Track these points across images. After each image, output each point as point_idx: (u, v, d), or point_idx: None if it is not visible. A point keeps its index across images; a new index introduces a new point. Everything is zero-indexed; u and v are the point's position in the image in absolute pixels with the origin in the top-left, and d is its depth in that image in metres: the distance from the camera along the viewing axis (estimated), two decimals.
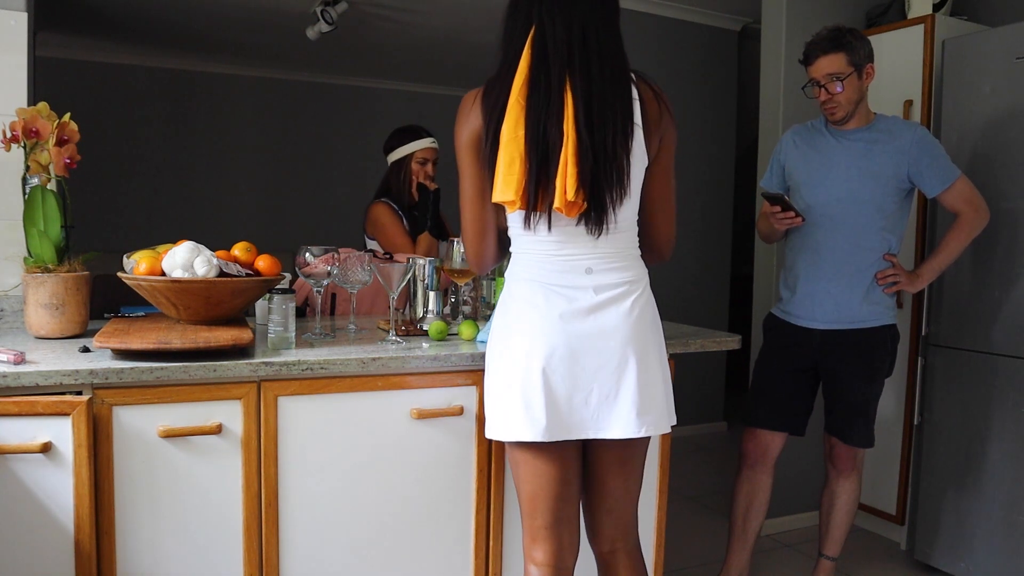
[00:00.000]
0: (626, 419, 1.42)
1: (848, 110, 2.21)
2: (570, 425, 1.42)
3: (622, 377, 1.42)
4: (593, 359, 1.41)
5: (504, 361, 1.46)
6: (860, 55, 2.17)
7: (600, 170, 1.36)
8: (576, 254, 1.43)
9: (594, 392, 1.42)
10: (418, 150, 2.63)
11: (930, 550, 2.66)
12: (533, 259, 1.45)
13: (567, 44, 1.37)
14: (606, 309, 1.42)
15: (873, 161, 2.20)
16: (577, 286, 1.42)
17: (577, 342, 1.41)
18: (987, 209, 2.23)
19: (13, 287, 1.88)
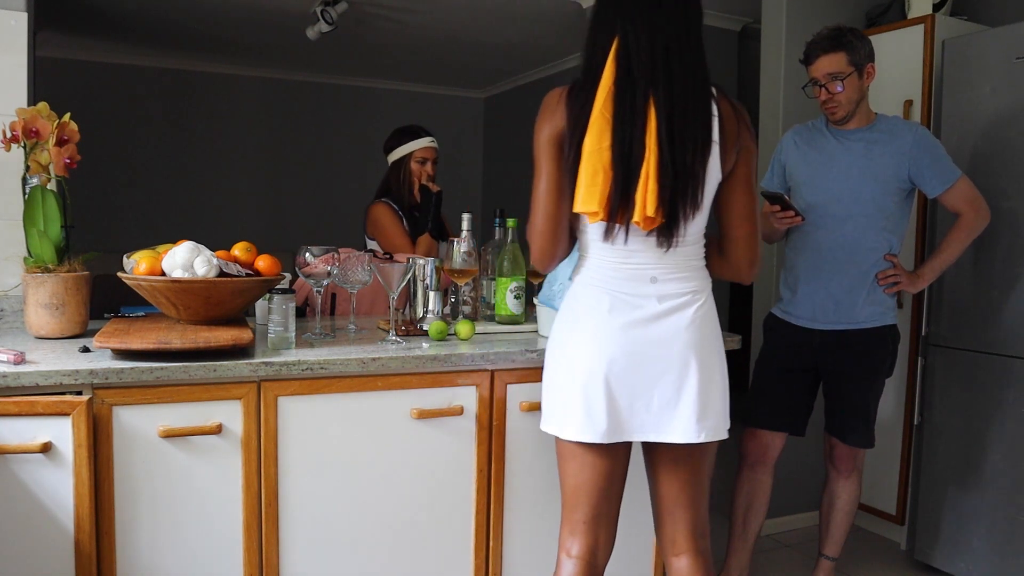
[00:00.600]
0: (686, 424, 1.45)
1: (848, 110, 2.21)
2: (630, 428, 1.46)
3: (683, 383, 1.45)
4: (655, 366, 1.45)
5: (566, 361, 1.49)
6: (861, 55, 2.17)
7: (678, 186, 1.39)
8: (643, 264, 1.47)
9: (655, 398, 1.45)
10: (417, 149, 2.64)
11: (930, 550, 2.66)
12: (602, 265, 1.49)
13: (651, 59, 1.40)
14: (668, 317, 1.46)
15: (874, 161, 2.20)
16: (642, 294, 1.46)
17: (639, 348, 1.45)
18: (988, 210, 2.23)
19: (13, 287, 1.88)
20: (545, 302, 1.88)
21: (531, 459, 1.78)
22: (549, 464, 1.80)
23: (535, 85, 5.85)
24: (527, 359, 1.73)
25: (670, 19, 1.43)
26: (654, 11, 1.42)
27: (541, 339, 1.87)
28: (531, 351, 1.73)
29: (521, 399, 1.74)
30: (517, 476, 1.76)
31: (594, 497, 1.52)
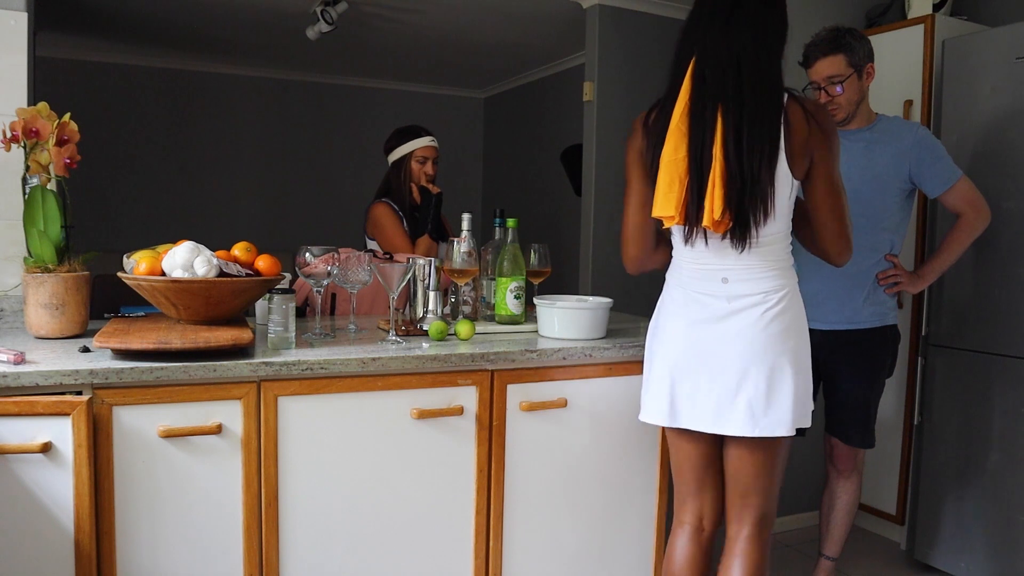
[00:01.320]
0: (742, 419, 1.56)
1: (849, 111, 2.21)
2: (689, 418, 1.62)
3: (743, 381, 1.56)
4: (716, 362, 1.58)
5: (648, 351, 1.71)
6: (860, 55, 2.17)
7: (746, 193, 1.49)
8: (716, 265, 1.59)
9: (714, 392, 1.58)
10: (417, 148, 2.64)
11: (930, 550, 2.66)
12: (682, 266, 1.65)
13: (723, 74, 1.51)
14: (736, 316, 1.57)
15: (874, 161, 2.20)
16: (713, 294, 1.60)
17: (705, 346, 1.59)
18: (988, 210, 2.23)
19: (13, 287, 1.88)
20: None
21: (531, 459, 1.78)
22: (549, 464, 1.81)
23: (535, 85, 5.84)
24: (527, 359, 1.73)
25: (743, 34, 1.53)
26: (728, 27, 1.53)
27: (541, 339, 1.87)
28: (531, 351, 1.73)
29: (521, 399, 1.74)
30: (517, 476, 1.76)
31: (689, 473, 1.73)
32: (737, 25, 1.53)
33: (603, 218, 4.05)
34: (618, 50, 4.01)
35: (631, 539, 1.93)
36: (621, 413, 1.87)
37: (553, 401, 1.78)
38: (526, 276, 2.00)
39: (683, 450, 1.72)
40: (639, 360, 1.87)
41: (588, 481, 1.85)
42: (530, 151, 5.93)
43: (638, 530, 1.93)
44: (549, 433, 1.79)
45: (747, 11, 1.53)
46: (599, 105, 3.99)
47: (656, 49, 4.14)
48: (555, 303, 1.89)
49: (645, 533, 1.94)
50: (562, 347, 1.77)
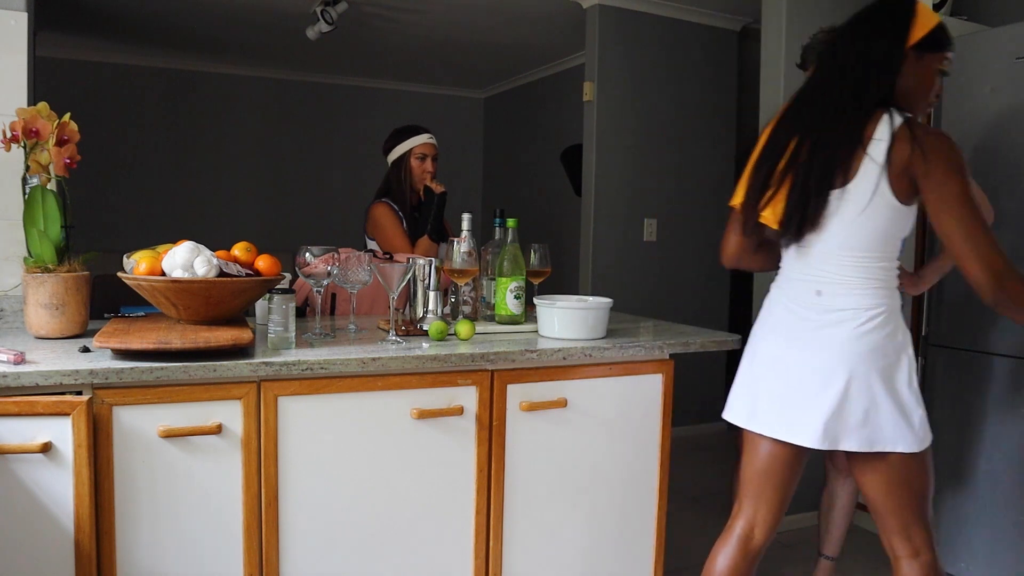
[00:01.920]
0: (812, 429, 1.57)
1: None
2: (763, 422, 1.66)
3: (823, 392, 1.57)
4: (799, 371, 1.60)
5: (746, 355, 1.74)
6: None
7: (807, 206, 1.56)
8: (811, 277, 1.62)
9: (793, 399, 1.61)
10: (416, 146, 2.64)
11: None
12: (781, 274, 1.71)
13: (820, 85, 1.60)
14: (825, 329, 1.58)
15: None
16: (806, 304, 1.62)
17: (792, 354, 1.62)
18: (991, 210, 2.23)
19: (13, 287, 1.88)
20: None
21: (531, 459, 1.78)
22: (549, 464, 1.81)
23: (535, 85, 5.85)
24: (527, 359, 1.73)
25: (856, 52, 1.58)
26: (835, 44, 1.63)
27: (541, 339, 1.87)
28: (531, 351, 1.73)
29: (521, 399, 1.74)
30: (517, 476, 1.76)
31: (754, 479, 1.72)
32: (842, 46, 1.60)
33: (603, 218, 4.06)
34: (618, 50, 4.02)
35: (631, 539, 1.93)
36: (621, 413, 1.87)
37: (553, 401, 1.78)
38: (526, 276, 2.00)
39: (754, 454, 1.72)
40: (639, 360, 1.87)
41: (588, 481, 1.85)
42: (530, 151, 5.93)
43: (638, 530, 1.93)
44: (549, 433, 1.79)
45: (855, 38, 1.59)
46: (599, 105, 3.99)
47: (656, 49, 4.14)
48: (555, 303, 1.89)
49: (645, 533, 1.94)
50: (562, 347, 1.77)
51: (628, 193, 4.10)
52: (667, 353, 1.91)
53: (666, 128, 4.19)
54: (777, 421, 1.63)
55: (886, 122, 1.53)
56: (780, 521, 1.74)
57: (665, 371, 1.91)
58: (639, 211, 4.14)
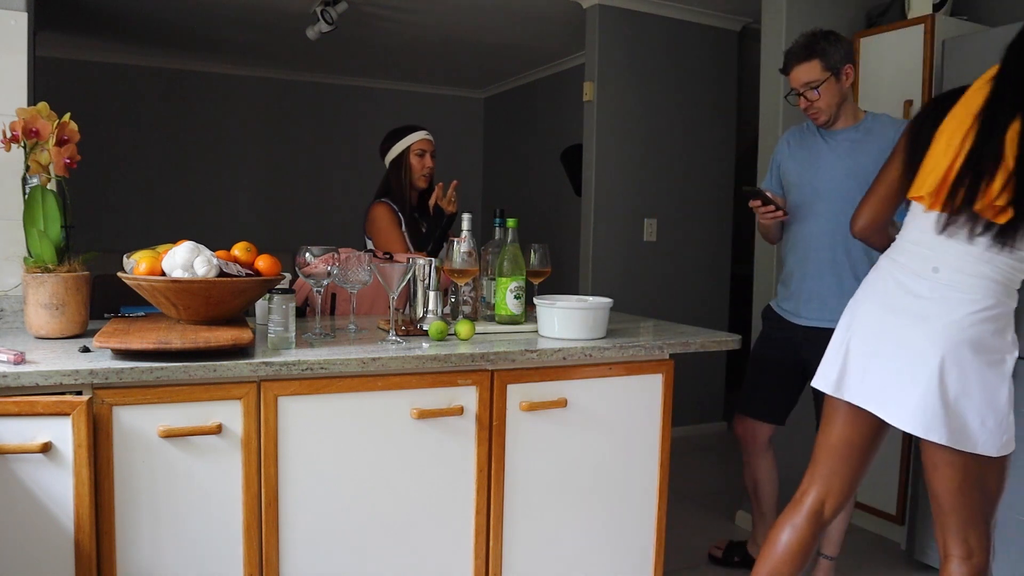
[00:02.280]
0: (908, 412, 1.55)
1: (830, 114, 2.22)
2: (859, 393, 1.64)
3: (918, 373, 1.54)
4: (899, 346, 1.58)
5: (841, 325, 1.73)
6: (835, 58, 2.17)
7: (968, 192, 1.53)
8: (932, 253, 1.60)
9: (891, 375, 1.58)
10: (414, 143, 2.65)
11: (930, 550, 2.66)
12: (898, 248, 1.69)
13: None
14: (934, 307, 1.56)
15: (857, 160, 2.20)
16: (919, 277, 1.60)
17: (891, 327, 1.60)
18: None
19: (13, 287, 1.88)
20: None
21: (531, 459, 1.78)
22: (549, 464, 1.81)
23: (535, 85, 5.85)
24: (527, 359, 1.73)
25: None
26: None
27: (541, 339, 1.87)
28: (531, 351, 1.73)
29: (521, 399, 1.74)
30: (517, 476, 1.76)
31: (830, 453, 1.73)
32: None
33: (603, 218, 4.06)
34: (618, 50, 4.01)
35: (631, 539, 1.93)
36: (621, 413, 1.87)
37: (553, 401, 1.78)
38: (526, 276, 2.00)
39: (834, 427, 1.72)
40: (639, 360, 1.87)
41: (588, 481, 1.85)
42: (530, 151, 5.93)
43: (638, 530, 1.93)
44: (549, 433, 1.79)
45: None
46: (599, 105, 3.99)
47: (656, 49, 4.14)
48: (555, 303, 1.89)
49: (645, 533, 1.94)
50: (562, 347, 1.77)
51: (628, 193, 4.10)
52: (667, 353, 1.91)
53: (666, 128, 4.19)
54: (871, 395, 1.61)
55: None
56: (852, 497, 1.73)
57: (665, 371, 1.91)
58: (639, 211, 4.14)
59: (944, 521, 1.64)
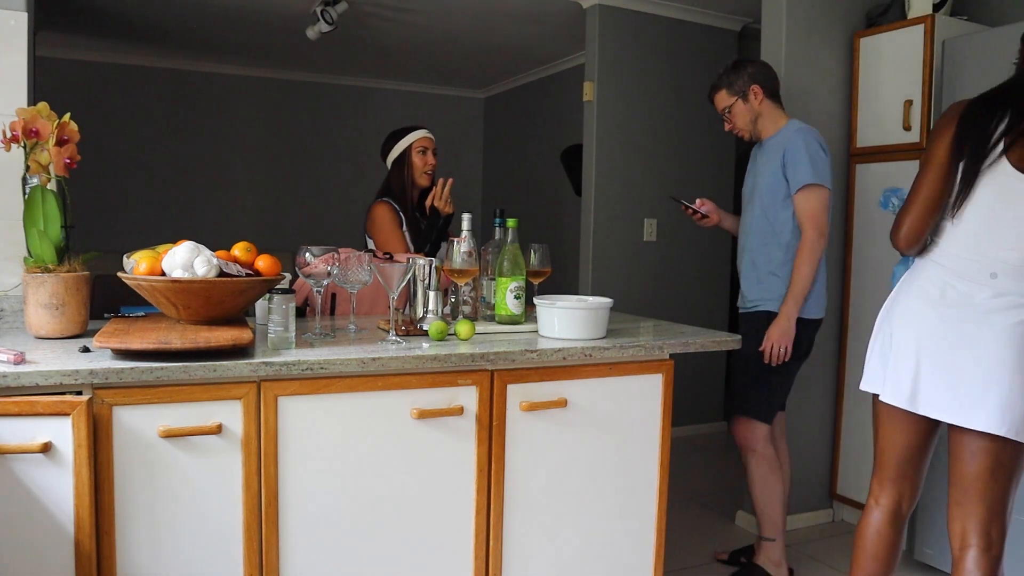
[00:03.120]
0: (989, 414, 1.59)
1: (749, 130, 2.52)
2: (937, 406, 1.66)
3: (993, 376, 1.59)
4: (970, 353, 1.62)
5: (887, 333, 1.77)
6: (739, 84, 2.46)
7: None
8: (988, 258, 1.65)
9: (964, 381, 1.62)
10: (415, 140, 2.66)
11: (930, 550, 2.66)
12: (942, 252, 1.72)
13: None
14: (1001, 314, 1.61)
15: (763, 164, 2.46)
16: (978, 285, 1.65)
17: (956, 336, 1.64)
18: (826, 231, 2.37)
19: (13, 287, 1.88)
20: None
21: (531, 459, 1.78)
22: (549, 464, 1.81)
23: (535, 85, 5.85)
24: (527, 359, 1.73)
25: None
26: None
27: (541, 339, 1.87)
28: (531, 351, 1.73)
29: (521, 399, 1.74)
30: (517, 476, 1.76)
31: (895, 459, 1.80)
32: None
33: (603, 218, 4.06)
34: (618, 50, 4.02)
35: (631, 539, 1.93)
36: (621, 413, 1.87)
37: (553, 401, 1.78)
38: (526, 276, 2.00)
39: (901, 434, 1.77)
40: (639, 360, 1.87)
41: (588, 481, 1.85)
42: (530, 151, 5.93)
43: (638, 530, 1.93)
44: (549, 433, 1.79)
45: None
46: (599, 105, 3.99)
47: (656, 49, 4.14)
48: (555, 303, 1.89)
49: (645, 533, 1.94)
50: (562, 347, 1.77)
51: (628, 193, 4.10)
52: (667, 353, 1.91)
53: (666, 128, 4.19)
54: (948, 404, 1.64)
55: None
56: (921, 491, 1.84)
57: (665, 371, 1.91)
58: (639, 211, 4.14)
59: (969, 511, 1.67)
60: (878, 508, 1.84)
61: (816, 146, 2.36)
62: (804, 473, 3.06)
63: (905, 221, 1.77)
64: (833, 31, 3.04)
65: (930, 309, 1.68)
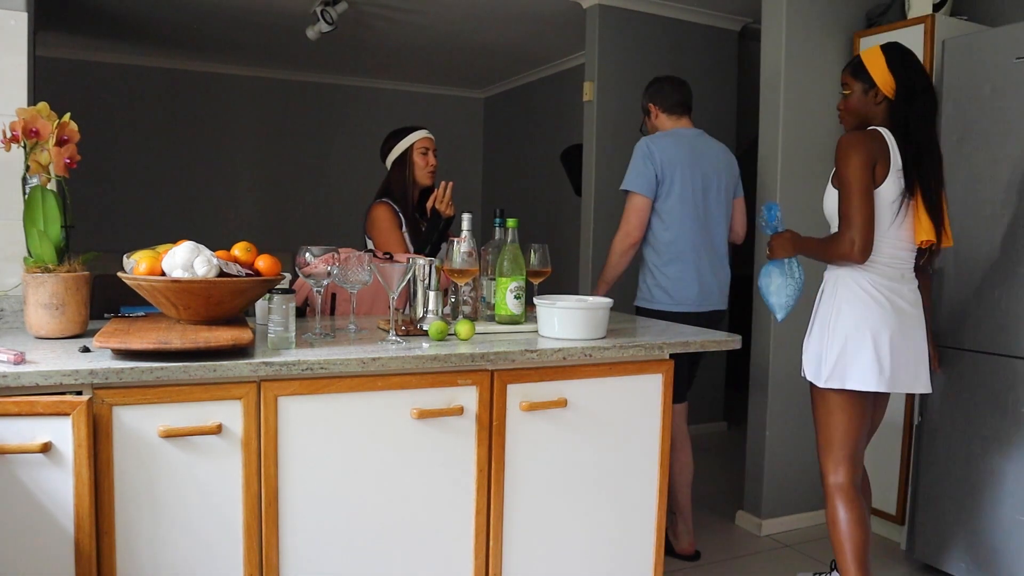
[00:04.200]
0: (924, 381, 2.12)
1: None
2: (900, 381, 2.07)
3: (923, 353, 2.12)
4: (909, 334, 2.08)
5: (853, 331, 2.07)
6: (642, 103, 2.86)
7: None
8: (902, 263, 2.10)
9: (910, 360, 2.08)
10: (417, 140, 2.65)
11: (930, 550, 2.66)
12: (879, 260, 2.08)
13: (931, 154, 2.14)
14: (915, 305, 2.12)
15: None
16: (906, 282, 2.12)
17: (896, 323, 2.05)
18: (627, 232, 2.67)
19: (13, 287, 1.88)
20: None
21: (531, 459, 1.78)
22: (549, 464, 1.81)
23: (535, 85, 5.85)
24: (527, 359, 1.73)
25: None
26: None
27: (541, 339, 1.87)
28: (531, 351, 1.73)
29: (521, 399, 1.74)
30: (517, 476, 1.76)
31: (857, 436, 2.13)
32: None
33: (603, 218, 4.06)
34: (618, 50, 4.01)
35: (631, 539, 1.93)
36: (621, 413, 1.87)
37: (553, 401, 1.78)
38: (526, 276, 2.00)
39: (862, 415, 2.12)
40: (639, 360, 1.87)
41: (588, 481, 1.85)
42: (530, 151, 5.93)
43: (638, 530, 1.93)
44: (549, 433, 1.79)
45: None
46: (599, 105, 3.99)
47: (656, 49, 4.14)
48: (555, 303, 1.89)
49: (645, 533, 1.94)
50: (562, 347, 1.77)
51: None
52: (667, 353, 1.91)
53: None
54: (905, 381, 2.07)
55: None
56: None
57: (665, 371, 1.92)
58: None
59: (862, 451, 2.17)
60: (846, 491, 2.11)
61: (639, 157, 2.65)
62: (803, 473, 3.06)
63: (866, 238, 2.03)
64: (833, 31, 3.04)
65: (879, 309, 2.05)
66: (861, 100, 2.15)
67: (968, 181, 2.56)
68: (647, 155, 2.62)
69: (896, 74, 2.07)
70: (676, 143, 2.67)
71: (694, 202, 2.66)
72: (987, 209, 2.49)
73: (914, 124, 2.06)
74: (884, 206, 2.04)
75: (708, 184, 2.69)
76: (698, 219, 2.67)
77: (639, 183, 2.62)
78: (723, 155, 2.78)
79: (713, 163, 2.72)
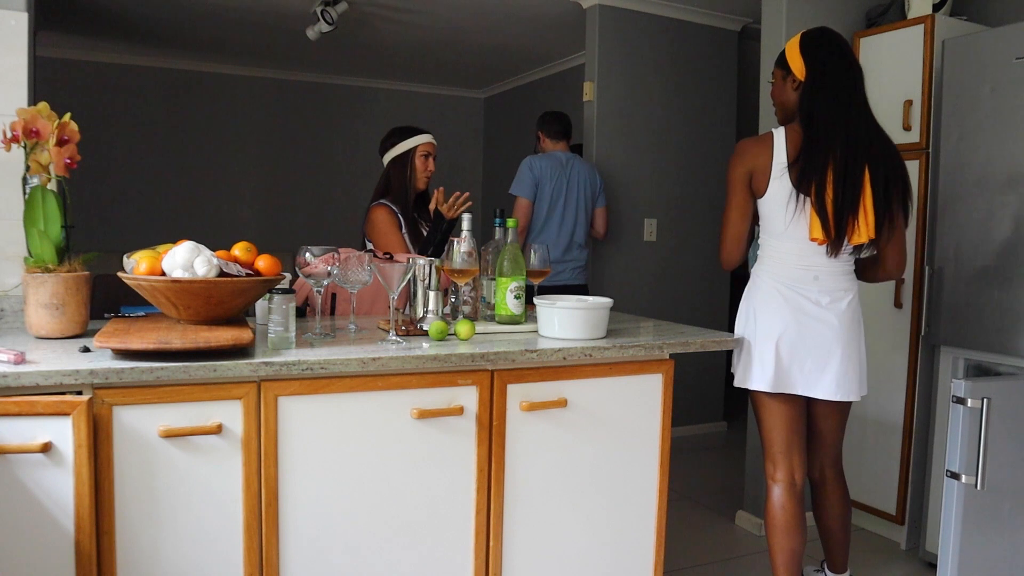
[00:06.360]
0: (827, 386, 2.02)
1: None
2: (804, 385, 2.04)
3: (830, 356, 2.02)
4: (815, 338, 2.02)
5: (752, 335, 2.07)
6: (535, 130, 3.73)
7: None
8: (810, 265, 2.03)
9: (808, 362, 2.02)
10: (420, 144, 2.65)
11: (931, 550, 2.66)
12: (778, 264, 2.06)
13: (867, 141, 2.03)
14: (831, 306, 2.03)
15: None
16: (810, 286, 2.03)
17: (808, 326, 2.02)
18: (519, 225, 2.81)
19: (13, 287, 1.88)
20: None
21: (531, 459, 1.78)
22: (549, 464, 1.81)
23: (535, 85, 5.85)
24: (527, 359, 1.73)
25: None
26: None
27: (541, 339, 1.87)
28: (531, 351, 1.73)
29: (521, 399, 1.74)
30: (517, 476, 1.76)
31: (782, 434, 2.09)
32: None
33: None
34: (618, 50, 4.01)
35: (631, 539, 1.93)
36: (621, 413, 1.87)
37: (553, 401, 1.78)
38: (526, 276, 2.00)
39: (783, 413, 2.08)
40: (639, 360, 1.87)
41: (588, 481, 1.85)
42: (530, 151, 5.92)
43: (638, 529, 1.93)
44: (549, 433, 1.79)
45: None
46: (599, 105, 3.99)
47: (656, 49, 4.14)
48: (555, 303, 1.89)
49: (645, 532, 1.94)
50: (562, 347, 1.77)
51: (628, 193, 4.10)
52: (667, 353, 1.91)
53: (666, 128, 4.19)
54: (803, 382, 2.03)
55: None
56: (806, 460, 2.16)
57: (665, 371, 1.92)
58: (639, 211, 4.14)
59: (826, 455, 2.20)
60: (778, 485, 2.09)
61: (524, 170, 3.55)
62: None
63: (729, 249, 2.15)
64: None
65: (780, 310, 2.03)
66: (780, 88, 2.08)
67: (968, 181, 2.56)
68: (529, 168, 3.54)
69: (806, 56, 1.95)
70: (551, 162, 3.55)
71: (558, 203, 3.54)
72: (987, 209, 2.49)
73: (820, 110, 1.93)
74: (775, 209, 2.00)
75: (570, 191, 3.54)
76: (558, 215, 3.54)
77: (519, 188, 3.54)
78: (587, 172, 3.61)
79: (576, 177, 3.56)
